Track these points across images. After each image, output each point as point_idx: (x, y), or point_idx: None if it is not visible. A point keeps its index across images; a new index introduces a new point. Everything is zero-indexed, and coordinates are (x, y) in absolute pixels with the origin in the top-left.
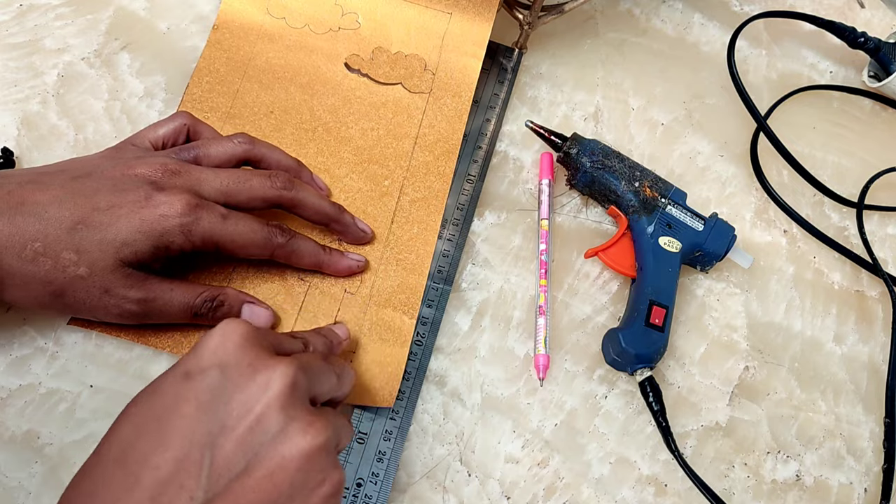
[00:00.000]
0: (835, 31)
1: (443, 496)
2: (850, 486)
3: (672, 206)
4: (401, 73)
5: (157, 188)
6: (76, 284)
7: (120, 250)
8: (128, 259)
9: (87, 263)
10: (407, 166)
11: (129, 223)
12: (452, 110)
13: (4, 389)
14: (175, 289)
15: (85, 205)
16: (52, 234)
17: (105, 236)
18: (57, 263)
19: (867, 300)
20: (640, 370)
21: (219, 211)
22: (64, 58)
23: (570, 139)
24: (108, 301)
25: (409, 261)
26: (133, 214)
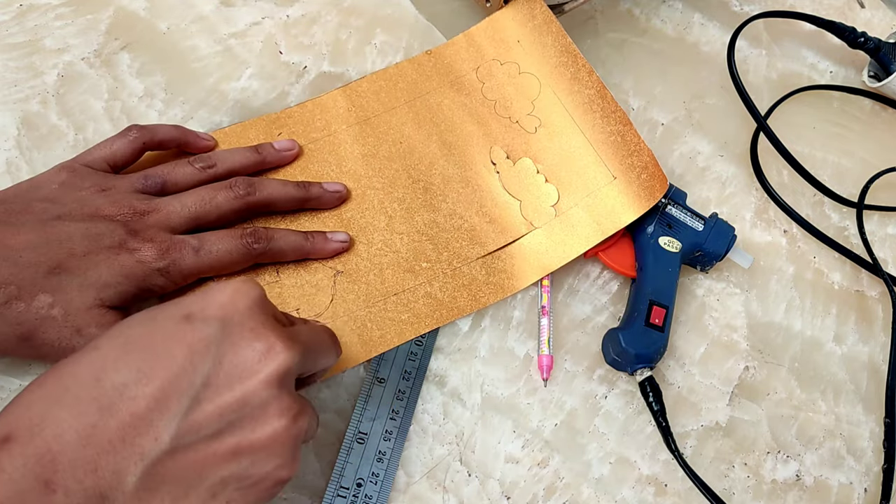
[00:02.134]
0: (835, 31)
1: (443, 496)
2: (850, 486)
3: (672, 206)
4: (526, 196)
5: (129, 232)
6: (47, 325)
7: (102, 291)
8: (111, 300)
9: (62, 304)
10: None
11: (110, 268)
12: (548, 257)
13: (4, 389)
14: None
15: (60, 251)
16: (28, 278)
17: (85, 280)
18: (30, 306)
19: (867, 300)
20: (640, 370)
21: (191, 245)
22: (64, 58)
23: None
24: (79, 341)
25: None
26: (111, 260)
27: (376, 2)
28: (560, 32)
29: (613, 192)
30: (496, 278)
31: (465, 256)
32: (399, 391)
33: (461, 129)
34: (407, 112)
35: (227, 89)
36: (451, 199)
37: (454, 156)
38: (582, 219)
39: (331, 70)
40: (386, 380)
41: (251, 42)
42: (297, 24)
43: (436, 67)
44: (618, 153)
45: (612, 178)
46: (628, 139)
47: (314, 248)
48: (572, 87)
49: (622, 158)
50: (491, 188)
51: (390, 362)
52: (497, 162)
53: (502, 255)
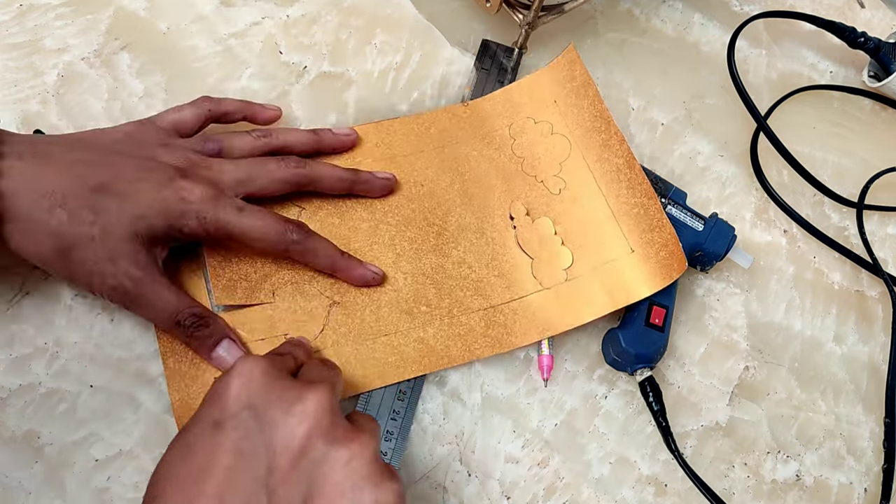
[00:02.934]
0: (835, 31)
1: (443, 496)
2: (850, 486)
3: (672, 205)
4: (541, 256)
5: (181, 174)
6: (85, 244)
7: (136, 222)
8: (142, 232)
9: (101, 225)
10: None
11: (150, 198)
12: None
13: (4, 389)
14: (172, 288)
15: (110, 172)
16: (74, 189)
17: (125, 205)
18: (72, 218)
19: (867, 300)
20: (640, 370)
21: (236, 204)
22: (64, 58)
23: None
24: (108, 269)
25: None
26: (155, 191)
27: (376, 2)
28: (597, 97)
29: (630, 264)
30: (494, 332)
31: (466, 306)
32: (400, 391)
33: (485, 181)
34: (434, 157)
35: (227, 89)
36: (462, 247)
37: (473, 205)
38: (593, 287)
39: (331, 70)
40: None
41: (251, 42)
42: (297, 24)
43: (470, 119)
44: (639, 226)
45: (631, 251)
46: (651, 213)
47: (346, 267)
48: (602, 154)
49: (643, 232)
50: (505, 242)
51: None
52: (516, 217)
53: (505, 310)
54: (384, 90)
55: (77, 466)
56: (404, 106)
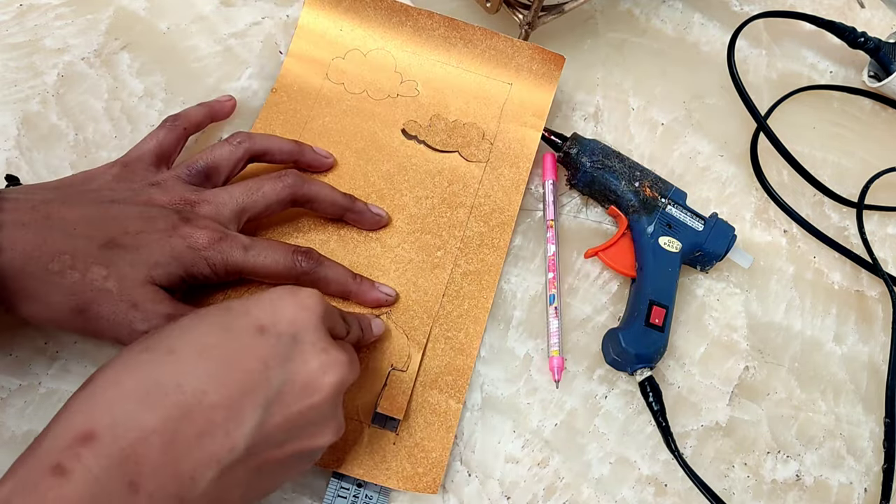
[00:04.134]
0: (835, 31)
1: (443, 496)
2: (850, 486)
3: (672, 206)
4: (458, 142)
5: (182, 219)
6: (102, 298)
7: (152, 269)
8: (159, 279)
9: (116, 278)
10: (461, 237)
11: (161, 248)
12: (509, 181)
13: (4, 389)
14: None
15: (115, 227)
16: (83, 249)
17: (137, 256)
18: (85, 277)
19: (867, 300)
20: (640, 370)
21: (241, 242)
22: (64, 58)
23: (570, 139)
24: (136, 316)
25: (457, 339)
26: (163, 241)
27: None
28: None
29: (519, 93)
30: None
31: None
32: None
33: (360, 131)
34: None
35: (226, 89)
36: (405, 187)
37: (375, 154)
38: (515, 130)
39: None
40: None
41: (251, 42)
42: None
43: (292, 97)
44: (500, 63)
45: (510, 85)
46: (501, 47)
47: (359, 290)
48: (420, 38)
49: (506, 65)
50: (427, 158)
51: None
52: (414, 133)
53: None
54: None
55: None
56: None
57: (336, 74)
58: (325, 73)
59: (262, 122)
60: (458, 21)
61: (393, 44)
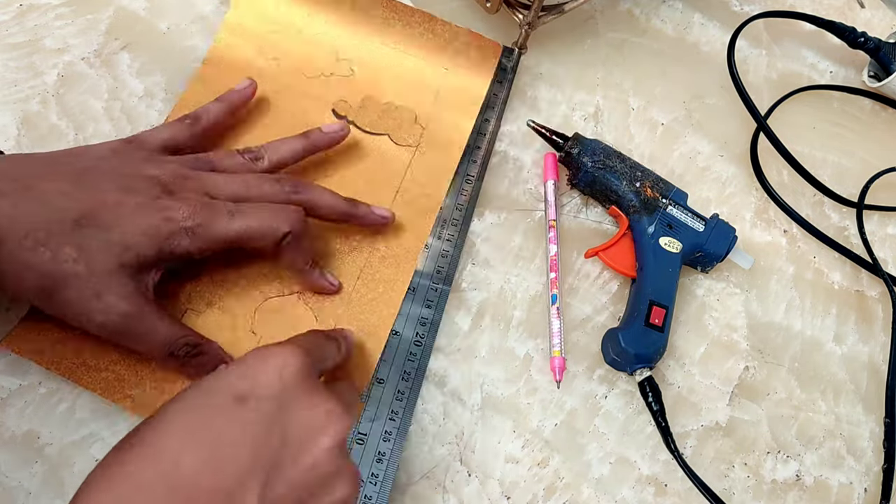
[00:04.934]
0: (835, 31)
1: (443, 496)
2: (850, 486)
3: (673, 206)
4: (389, 124)
5: (167, 191)
6: (70, 282)
7: (122, 254)
8: (129, 262)
9: (86, 261)
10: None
11: (135, 224)
12: (438, 166)
13: (4, 389)
14: (164, 319)
15: (91, 199)
16: (56, 225)
17: (109, 237)
18: (56, 256)
19: (867, 300)
20: (640, 370)
21: (227, 208)
22: (64, 58)
23: (571, 139)
24: (96, 306)
25: (369, 322)
26: (138, 216)
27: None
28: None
29: (455, 79)
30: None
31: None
32: (398, 392)
33: (290, 109)
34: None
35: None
36: (330, 167)
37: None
38: (449, 116)
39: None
40: (385, 380)
41: None
42: None
43: (223, 71)
44: (437, 47)
45: (446, 70)
46: (439, 32)
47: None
48: (359, 17)
49: (444, 49)
50: (355, 139)
51: (390, 363)
52: (344, 114)
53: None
54: None
55: (77, 466)
56: None
57: (270, 49)
58: (258, 47)
59: (190, 94)
60: (398, 3)
61: (330, 21)
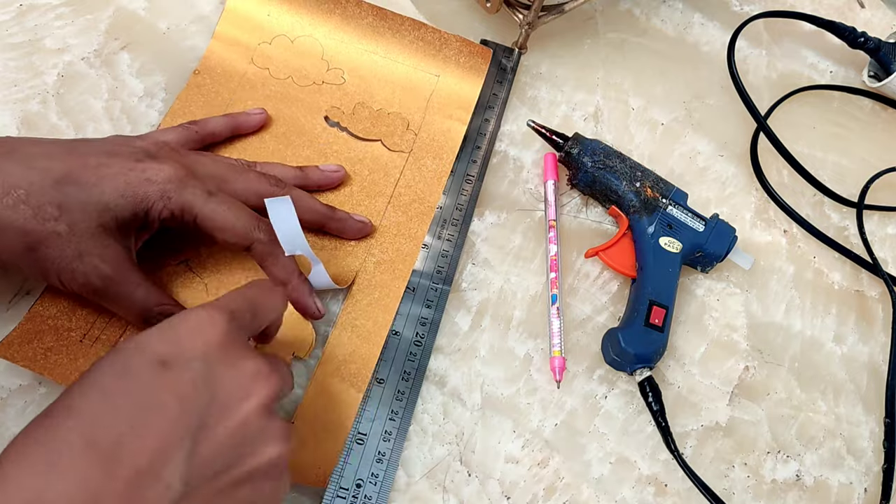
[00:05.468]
0: (835, 31)
1: (443, 496)
2: (850, 486)
3: (673, 206)
4: (381, 131)
5: (151, 156)
6: (52, 241)
7: (102, 214)
8: (108, 224)
9: (67, 221)
10: (378, 226)
11: (114, 185)
12: (431, 172)
13: (4, 389)
14: (143, 285)
15: (74, 161)
16: (37, 183)
17: (89, 197)
18: (37, 214)
19: (867, 300)
20: (640, 370)
21: (206, 187)
22: (64, 58)
23: (571, 139)
24: (77, 267)
25: (365, 328)
26: (119, 176)
27: (376, 2)
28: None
29: (446, 86)
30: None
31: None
32: (398, 392)
33: (282, 116)
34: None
35: None
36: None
37: (295, 139)
38: (440, 121)
39: None
40: (385, 380)
41: None
42: None
43: (215, 79)
44: (427, 54)
45: (437, 76)
46: (429, 39)
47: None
48: (349, 26)
49: (434, 56)
50: (348, 145)
51: (390, 363)
52: (337, 120)
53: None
54: None
55: None
56: None
57: (261, 59)
58: (250, 57)
59: (180, 103)
60: (387, 11)
61: (321, 31)
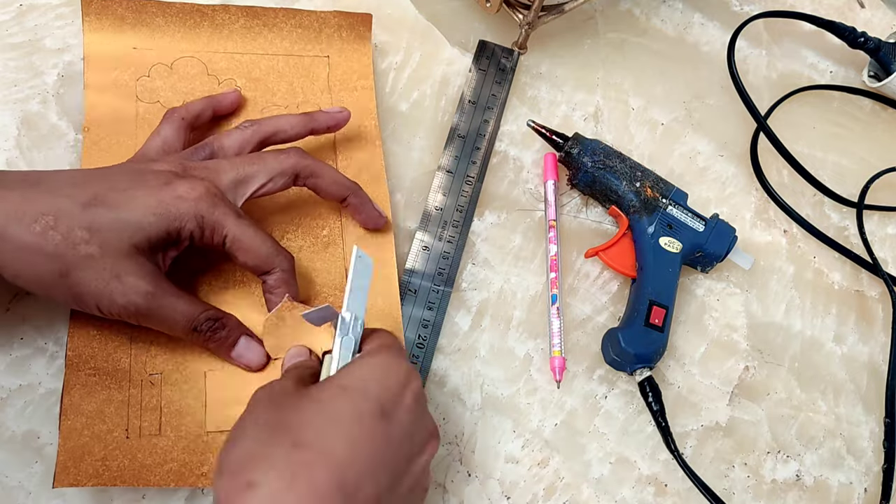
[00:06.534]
0: (835, 31)
1: (443, 496)
2: (850, 486)
3: (673, 206)
4: None
5: (178, 177)
6: (85, 263)
7: (134, 234)
8: (140, 243)
9: (98, 242)
10: (338, 208)
11: (145, 204)
12: (363, 139)
13: (4, 389)
14: (183, 297)
15: (101, 185)
16: (66, 209)
17: (119, 216)
18: (67, 239)
19: (867, 300)
20: (640, 370)
21: (234, 209)
22: (64, 58)
23: (571, 139)
24: (116, 288)
25: (378, 306)
26: (150, 196)
27: (376, 2)
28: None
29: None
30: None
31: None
32: None
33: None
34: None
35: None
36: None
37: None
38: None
39: None
40: None
41: None
42: None
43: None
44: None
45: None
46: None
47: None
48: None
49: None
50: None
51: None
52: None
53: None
54: (384, 90)
55: None
56: (404, 105)
57: (147, 93)
58: (134, 95)
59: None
60: (256, 8)
61: (196, 47)
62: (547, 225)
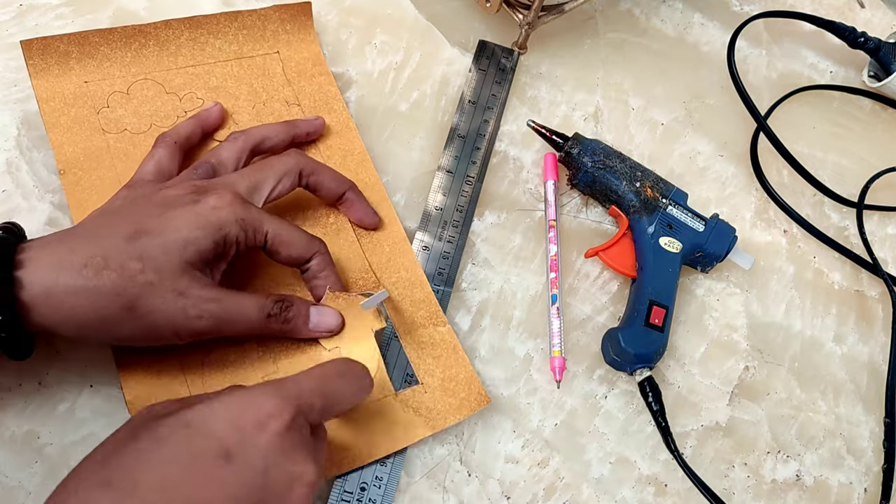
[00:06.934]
0: (835, 31)
1: (443, 496)
2: (850, 486)
3: (673, 206)
4: (270, 121)
5: (200, 192)
6: (148, 291)
7: (184, 251)
8: (192, 258)
9: (153, 269)
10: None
11: (186, 221)
12: (339, 124)
13: (4, 389)
14: (243, 293)
15: (135, 218)
16: (111, 246)
17: (166, 239)
18: (122, 274)
19: (867, 300)
20: (640, 370)
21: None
22: None
23: (571, 139)
24: (186, 304)
25: (403, 278)
26: (187, 213)
27: (376, 2)
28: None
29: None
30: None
31: None
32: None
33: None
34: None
35: None
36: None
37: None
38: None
39: (331, 70)
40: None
41: None
42: None
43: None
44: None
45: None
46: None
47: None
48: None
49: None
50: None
51: (391, 365)
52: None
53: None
54: (384, 90)
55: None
56: (404, 105)
57: (111, 124)
58: (99, 128)
59: (75, 209)
60: (197, 17)
61: (146, 68)
62: (547, 225)
